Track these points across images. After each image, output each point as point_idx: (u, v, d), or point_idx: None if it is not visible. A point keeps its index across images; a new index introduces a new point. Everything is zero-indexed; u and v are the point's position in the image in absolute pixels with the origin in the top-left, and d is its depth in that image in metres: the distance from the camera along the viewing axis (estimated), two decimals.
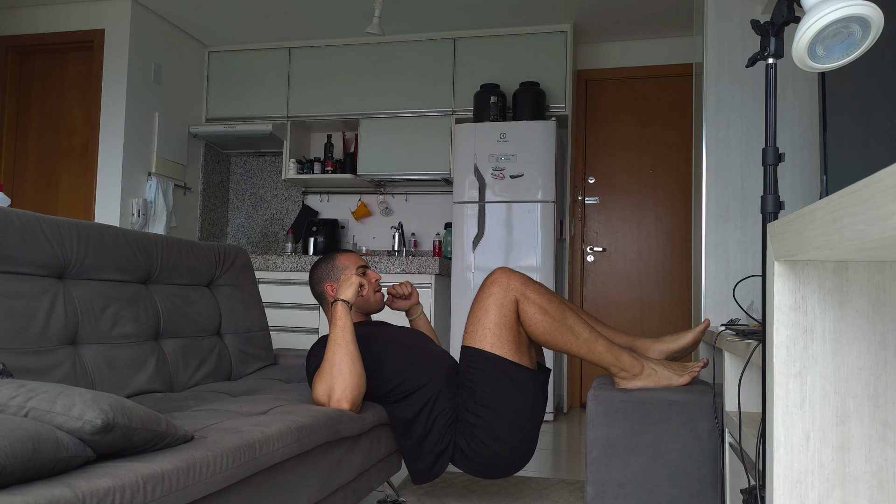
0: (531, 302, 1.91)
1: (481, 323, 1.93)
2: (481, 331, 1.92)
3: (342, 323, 1.82)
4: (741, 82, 2.58)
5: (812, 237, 0.69)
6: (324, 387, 1.77)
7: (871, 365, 0.81)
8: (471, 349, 1.94)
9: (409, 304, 2.33)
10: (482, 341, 1.92)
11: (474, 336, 1.94)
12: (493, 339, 1.91)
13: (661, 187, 4.59)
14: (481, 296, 1.95)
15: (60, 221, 1.80)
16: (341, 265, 2.18)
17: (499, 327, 1.91)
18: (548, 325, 1.91)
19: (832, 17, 1.12)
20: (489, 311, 1.92)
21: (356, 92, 4.64)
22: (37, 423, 0.98)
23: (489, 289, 1.93)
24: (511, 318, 1.91)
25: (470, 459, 1.94)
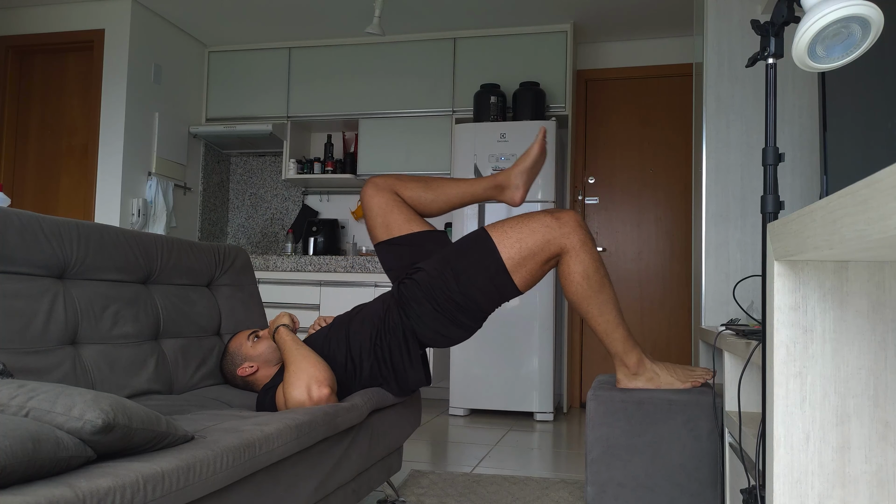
0: (580, 261, 1.88)
1: (518, 236, 1.88)
2: (511, 241, 1.88)
3: (290, 336, 1.88)
4: (741, 82, 2.58)
5: (812, 237, 0.69)
6: (301, 383, 1.73)
7: (871, 365, 0.81)
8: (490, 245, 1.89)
9: None
10: (505, 248, 1.88)
11: (503, 239, 1.89)
12: (516, 256, 1.87)
13: (661, 187, 4.59)
14: (538, 219, 1.90)
15: (60, 221, 1.80)
16: (234, 349, 2.16)
17: (529, 253, 1.88)
18: (583, 290, 1.90)
19: (832, 17, 1.12)
20: (534, 235, 1.88)
21: (356, 92, 4.64)
22: (37, 423, 0.98)
23: (550, 220, 1.89)
24: (545, 256, 1.88)
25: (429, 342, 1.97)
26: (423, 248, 2.06)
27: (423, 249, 2.06)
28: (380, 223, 2.11)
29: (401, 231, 2.09)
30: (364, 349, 1.97)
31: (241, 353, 2.14)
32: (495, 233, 1.91)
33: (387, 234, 2.11)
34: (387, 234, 2.11)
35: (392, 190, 2.11)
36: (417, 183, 2.14)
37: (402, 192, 2.12)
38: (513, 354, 3.96)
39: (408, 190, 2.12)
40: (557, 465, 2.95)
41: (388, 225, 2.11)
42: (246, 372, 2.11)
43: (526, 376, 3.94)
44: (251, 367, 2.11)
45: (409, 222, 2.10)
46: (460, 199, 2.13)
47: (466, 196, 2.13)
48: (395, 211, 2.10)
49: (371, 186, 2.12)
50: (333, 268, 4.24)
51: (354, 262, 4.21)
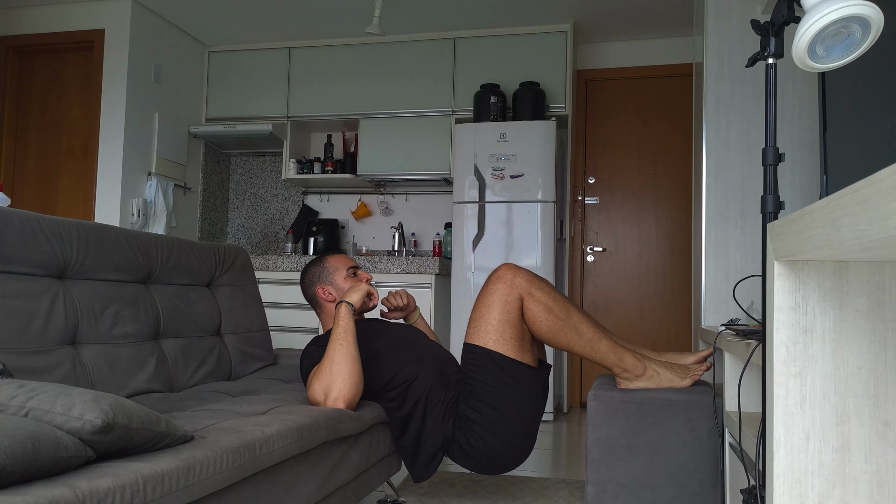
0: (536, 300, 1.90)
1: (484, 319, 1.92)
2: (484, 327, 1.91)
3: (345, 324, 1.83)
4: (741, 82, 2.58)
5: (812, 237, 0.69)
6: (321, 385, 1.76)
7: (871, 365, 0.81)
8: (473, 346, 1.93)
9: (406, 313, 2.33)
10: (485, 338, 1.91)
11: (477, 333, 1.93)
12: (496, 335, 1.90)
13: (661, 187, 4.59)
14: (485, 292, 1.94)
15: (60, 221, 1.80)
16: (332, 267, 2.18)
17: (502, 324, 1.90)
18: (552, 324, 1.90)
19: (832, 17, 1.12)
20: (493, 307, 1.91)
21: (356, 92, 4.64)
22: (37, 423, 0.98)
23: (494, 285, 1.92)
24: (515, 315, 1.90)
25: (468, 455, 1.94)
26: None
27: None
28: None
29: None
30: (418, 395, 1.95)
31: (335, 278, 2.14)
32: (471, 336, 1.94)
33: None
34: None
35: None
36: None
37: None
38: None
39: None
40: (557, 465, 2.95)
41: None
42: (322, 296, 2.13)
43: None
44: (331, 294, 2.12)
45: None
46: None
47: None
48: None
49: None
50: None
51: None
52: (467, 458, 1.95)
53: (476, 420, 1.90)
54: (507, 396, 1.90)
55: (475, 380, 1.91)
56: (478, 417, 1.90)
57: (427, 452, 1.96)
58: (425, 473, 1.99)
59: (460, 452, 1.95)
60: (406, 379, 1.96)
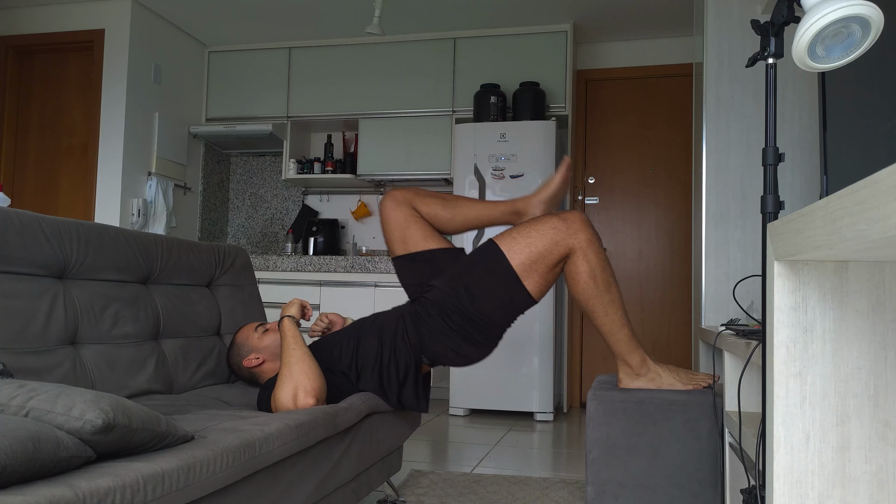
0: (587, 260, 1.89)
1: (526, 241, 1.89)
2: (520, 246, 1.89)
3: (292, 332, 1.85)
4: (741, 82, 2.58)
5: (812, 237, 0.69)
6: (288, 389, 1.73)
7: (871, 365, 0.81)
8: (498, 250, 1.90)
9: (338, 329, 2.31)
10: (514, 254, 1.89)
11: (511, 246, 1.90)
12: (526, 261, 1.88)
13: (661, 187, 4.59)
14: (546, 221, 1.91)
15: (60, 221, 1.80)
16: (241, 339, 2.17)
17: (538, 256, 1.88)
18: (588, 289, 1.91)
19: (832, 17, 1.12)
20: (543, 238, 1.88)
21: (356, 92, 4.64)
22: (37, 423, 0.98)
23: (558, 222, 1.89)
24: (555, 258, 1.89)
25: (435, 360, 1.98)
26: (439, 265, 2.06)
27: (440, 266, 2.06)
28: (397, 237, 2.11)
29: (417, 247, 2.10)
30: (369, 358, 1.97)
31: (248, 344, 2.14)
32: (504, 242, 1.92)
33: (404, 249, 2.12)
34: (404, 249, 2.12)
35: (410, 205, 2.10)
36: (436, 199, 2.13)
37: (421, 207, 2.12)
38: (513, 354, 3.96)
39: (426, 206, 2.12)
40: (557, 465, 2.95)
41: (406, 240, 2.11)
42: (252, 363, 2.11)
43: (526, 376, 3.94)
44: (257, 358, 2.11)
45: (427, 239, 2.11)
46: (477, 220, 2.14)
47: (483, 218, 2.14)
48: (412, 226, 2.11)
49: (390, 200, 2.12)
50: (333, 268, 4.24)
51: (354, 262, 4.21)
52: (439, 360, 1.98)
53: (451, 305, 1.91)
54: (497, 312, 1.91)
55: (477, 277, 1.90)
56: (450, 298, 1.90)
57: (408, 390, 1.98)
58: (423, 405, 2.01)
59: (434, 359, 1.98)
60: (351, 356, 1.98)
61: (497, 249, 1.91)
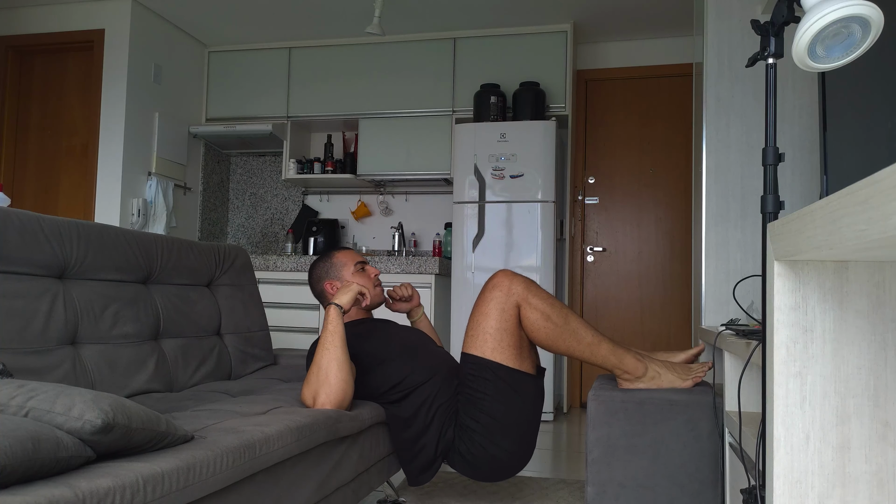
0: (533, 307, 1.89)
1: (482, 328, 1.91)
2: (482, 336, 1.91)
3: (332, 327, 1.80)
4: (741, 82, 2.58)
5: (812, 237, 0.69)
6: (309, 390, 1.75)
7: (871, 365, 0.81)
8: (471, 356, 1.93)
9: (410, 306, 2.32)
10: (482, 347, 1.90)
11: (475, 342, 1.92)
12: (494, 344, 1.89)
13: (661, 187, 4.59)
14: (482, 300, 1.93)
15: (60, 221, 1.80)
16: (339, 262, 2.17)
17: (500, 332, 1.89)
18: (551, 331, 1.90)
19: (832, 17, 1.12)
20: (490, 315, 1.90)
21: (356, 92, 4.64)
22: (37, 423, 0.98)
23: (490, 293, 1.91)
24: (512, 322, 1.90)
25: (468, 462, 1.94)
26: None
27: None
28: None
29: None
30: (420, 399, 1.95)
31: (342, 273, 2.14)
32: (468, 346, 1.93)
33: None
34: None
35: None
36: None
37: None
38: None
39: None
40: (557, 465, 2.95)
41: None
42: (329, 290, 2.13)
43: None
44: (331, 286, 2.13)
45: None
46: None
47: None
48: None
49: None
50: None
51: None
52: (467, 466, 1.95)
53: (475, 429, 1.90)
54: (506, 405, 1.90)
55: (474, 389, 1.91)
56: (477, 427, 1.90)
57: (426, 457, 1.96)
58: (422, 478, 1.99)
59: (461, 460, 1.95)
60: (412, 385, 1.96)
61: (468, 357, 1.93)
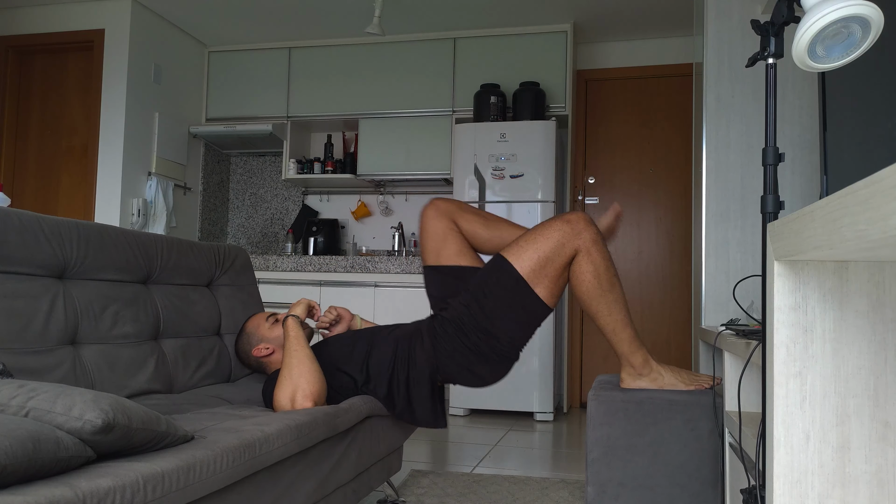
0: (591, 260, 1.89)
1: (533, 247, 1.89)
2: (528, 254, 1.89)
3: (294, 333, 1.86)
4: (741, 82, 2.58)
5: (812, 237, 0.69)
6: (287, 390, 1.74)
7: (871, 365, 0.81)
8: (506, 261, 1.91)
9: (346, 324, 2.29)
10: (522, 263, 1.89)
11: (518, 255, 1.90)
12: (536, 267, 1.88)
13: (661, 187, 4.59)
14: (549, 226, 1.91)
15: (60, 221, 1.80)
16: (252, 328, 2.17)
17: (546, 260, 1.88)
18: (592, 289, 1.90)
19: (832, 17, 1.12)
20: (548, 241, 1.88)
21: (356, 92, 4.64)
22: (37, 423, 0.98)
23: (560, 223, 1.90)
24: (563, 260, 1.89)
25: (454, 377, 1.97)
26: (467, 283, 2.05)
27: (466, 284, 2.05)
28: (432, 248, 2.12)
29: (450, 261, 2.10)
30: (381, 366, 1.96)
31: (259, 333, 2.14)
32: (511, 252, 1.92)
33: (436, 260, 2.12)
34: (436, 260, 2.12)
35: (451, 217, 2.11)
36: (477, 217, 2.13)
37: (461, 223, 2.12)
38: None
39: (467, 222, 2.12)
40: (557, 465, 2.95)
41: (439, 252, 2.11)
42: (261, 353, 2.11)
43: (526, 376, 3.94)
44: (267, 348, 2.11)
45: (460, 254, 2.10)
46: None
47: None
48: (449, 240, 2.11)
49: (432, 209, 2.12)
50: (333, 268, 4.24)
51: (354, 262, 4.21)
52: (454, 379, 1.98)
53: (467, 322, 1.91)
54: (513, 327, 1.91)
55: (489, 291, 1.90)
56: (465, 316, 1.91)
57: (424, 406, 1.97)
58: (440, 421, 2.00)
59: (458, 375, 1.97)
60: (362, 360, 1.97)
61: (504, 261, 1.91)
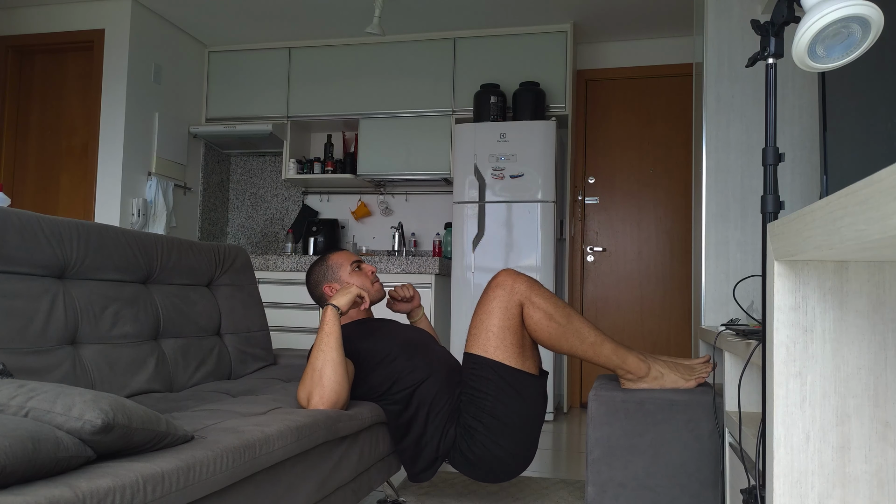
0: (536, 306, 1.89)
1: (485, 327, 1.90)
2: (484, 335, 1.90)
3: (329, 328, 1.78)
4: (741, 82, 2.58)
5: (812, 237, 0.69)
6: (304, 391, 1.75)
7: (871, 365, 0.81)
8: (474, 356, 1.92)
9: (411, 306, 2.32)
10: (485, 347, 1.90)
11: (477, 341, 1.92)
12: (497, 343, 1.89)
13: (661, 187, 4.59)
14: (485, 298, 1.93)
15: (60, 221, 1.79)
16: (335, 264, 2.17)
17: (503, 331, 1.89)
18: (553, 330, 1.90)
19: (832, 17, 1.12)
20: (493, 314, 1.89)
21: (356, 92, 4.64)
22: (37, 423, 0.98)
23: (493, 291, 1.91)
24: (515, 321, 1.89)
25: (470, 462, 1.93)
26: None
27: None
28: None
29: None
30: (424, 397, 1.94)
31: (339, 274, 2.14)
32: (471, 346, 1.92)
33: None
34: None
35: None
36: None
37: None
38: None
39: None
40: (557, 465, 2.95)
41: None
42: (328, 293, 2.12)
43: None
44: (330, 289, 2.12)
45: None
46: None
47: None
48: None
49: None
50: None
51: None
52: (469, 466, 1.94)
53: (477, 429, 1.90)
54: (508, 405, 1.90)
55: (476, 389, 1.91)
56: (479, 426, 1.90)
57: (427, 457, 1.95)
58: (424, 476, 1.98)
59: (462, 460, 1.94)
60: (413, 383, 1.95)
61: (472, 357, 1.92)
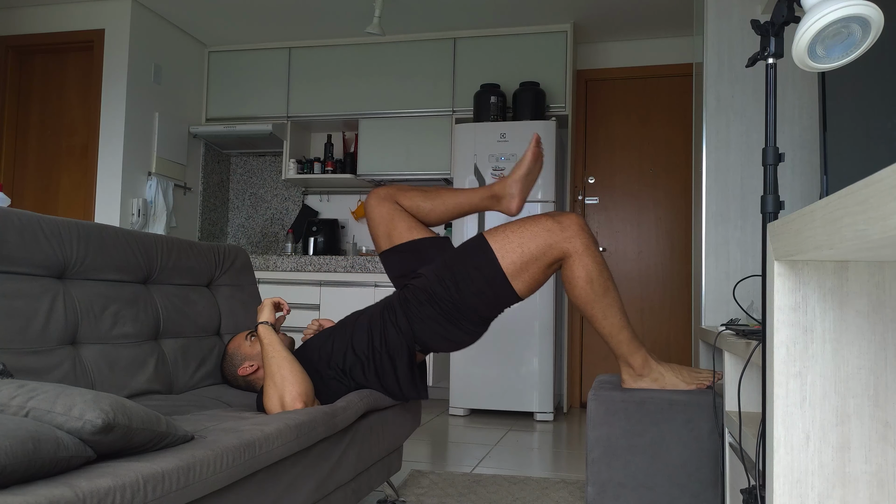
0: (583, 265, 1.86)
1: (518, 242, 1.86)
2: (512, 246, 1.86)
3: (269, 339, 1.83)
4: (741, 82, 2.58)
5: (812, 237, 0.69)
6: (274, 398, 1.73)
7: (871, 365, 0.81)
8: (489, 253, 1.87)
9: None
10: (505, 255, 1.86)
11: (503, 245, 1.87)
12: (517, 262, 1.86)
13: (661, 187, 4.59)
14: (540, 223, 1.87)
15: (60, 221, 1.80)
16: (233, 348, 2.16)
17: (530, 259, 1.86)
18: (586, 295, 1.89)
19: (832, 17, 1.12)
20: (536, 240, 1.85)
21: (356, 92, 4.64)
22: (37, 423, 0.98)
23: (552, 225, 1.86)
24: (548, 261, 1.86)
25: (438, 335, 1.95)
26: (425, 255, 2.06)
27: (426, 255, 2.06)
28: (382, 232, 2.13)
29: (402, 239, 2.11)
30: (362, 352, 1.96)
31: (241, 352, 2.14)
32: (495, 239, 1.89)
33: (389, 242, 2.13)
34: (389, 242, 2.13)
35: (393, 199, 2.13)
36: (417, 192, 2.16)
37: (403, 201, 2.14)
38: (513, 354, 3.96)
39: (407, 199, 2.14)
40: (557, 465, 2.95)
41: (391, 234, 2.13)
42: (247, 371, 2.10)
43: (526, 376, 3.94)
44: (251, 365, 2.10)
45: (411, 230, 2.12)
46: (458, 208, 2.14)
47: (464, 206, 2.14)
48: (396, 220, 2.13)
49: (373, 197, 2.15)
50: (333, 268, 4.24)
51: (354, 262, 4.21)
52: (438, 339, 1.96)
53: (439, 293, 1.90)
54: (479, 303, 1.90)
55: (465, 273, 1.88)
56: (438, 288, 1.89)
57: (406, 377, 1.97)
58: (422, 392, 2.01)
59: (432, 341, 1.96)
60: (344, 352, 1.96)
61: (487, 247, 1.89)
